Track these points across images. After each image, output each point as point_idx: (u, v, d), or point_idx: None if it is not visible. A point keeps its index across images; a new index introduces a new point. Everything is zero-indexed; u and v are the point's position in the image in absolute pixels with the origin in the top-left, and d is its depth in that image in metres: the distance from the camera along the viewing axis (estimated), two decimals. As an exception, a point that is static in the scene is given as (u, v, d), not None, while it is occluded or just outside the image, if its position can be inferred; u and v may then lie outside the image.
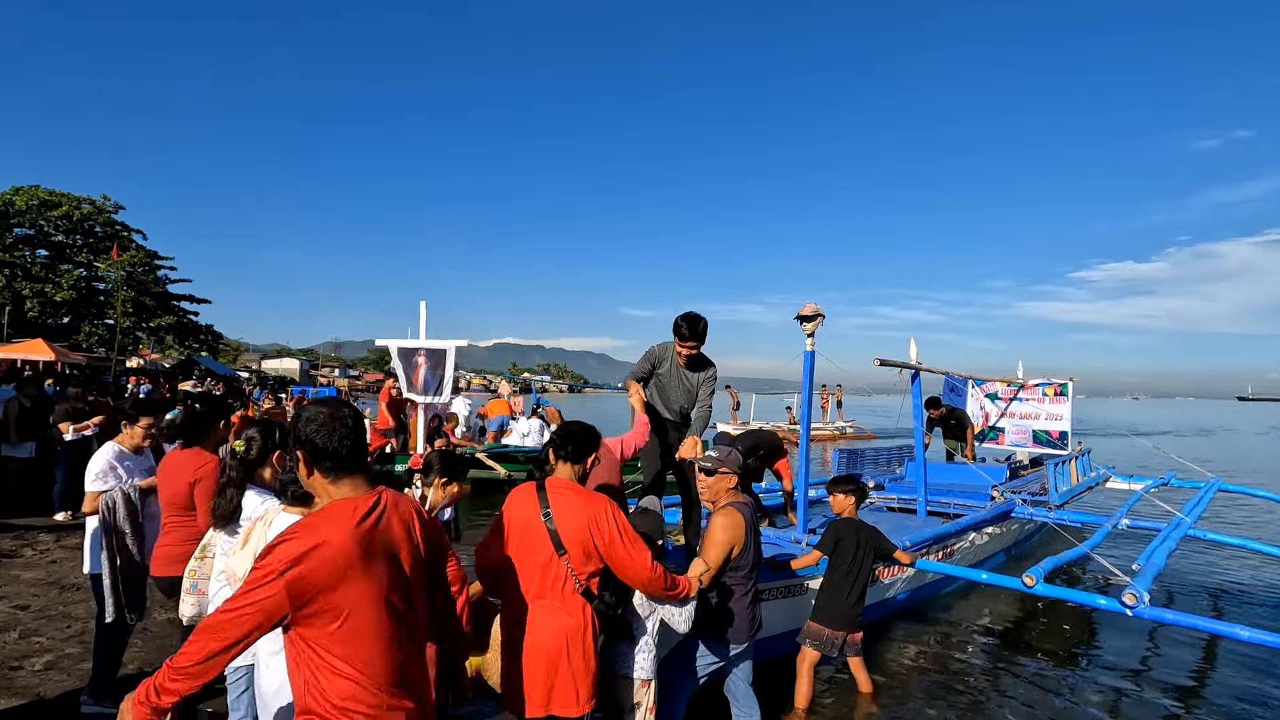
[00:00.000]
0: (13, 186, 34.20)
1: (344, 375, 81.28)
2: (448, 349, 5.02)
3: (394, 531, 1.72)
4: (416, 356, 5.17)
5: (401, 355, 5.21)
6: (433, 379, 5.13)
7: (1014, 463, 8.84)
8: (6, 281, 32.01)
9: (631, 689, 2.74)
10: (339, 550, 1.58)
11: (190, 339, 40.59)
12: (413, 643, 1.73)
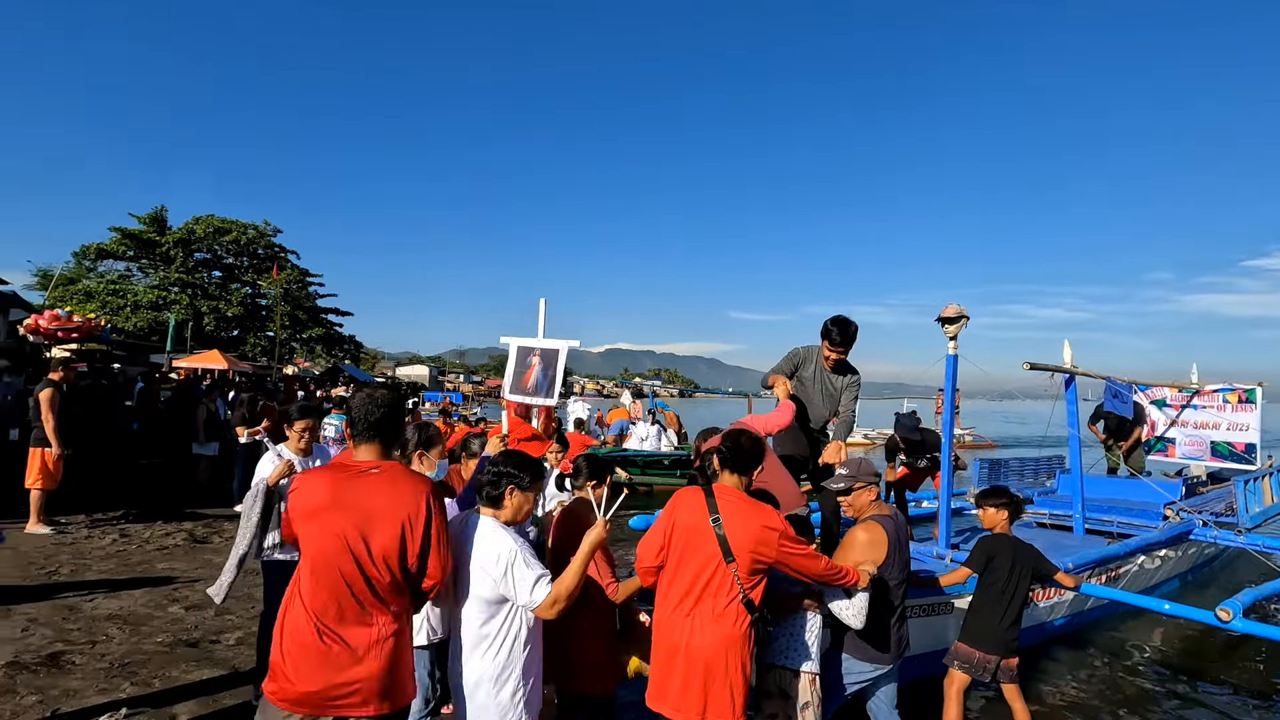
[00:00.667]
0: (194, 217, 39.05)
1: (468, 381, 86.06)
2: (560, 349, 4.88)
3: (372, 496, 2.08)
4: (531, 356, 5.05)
5: (519, 354, 5.12)
6: (544, 379, 5.00)
7: (1189, 478, 7.85)
8: (189, 300, 36.55)
9: (798, 684, 2.74)
10: (311, 489, 2.11)
11: (336, 348, 44.51)
12: (365, 595, 2.04)
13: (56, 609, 4.83)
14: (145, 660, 4.13)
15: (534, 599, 2.24)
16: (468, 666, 2.30)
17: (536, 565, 2.30)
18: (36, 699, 3.55)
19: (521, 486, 2.42)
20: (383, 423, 2.21)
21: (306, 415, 3.90)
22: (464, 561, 2.32)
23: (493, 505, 2.41)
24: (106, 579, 5.63)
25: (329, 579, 2.03)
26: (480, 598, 2.30)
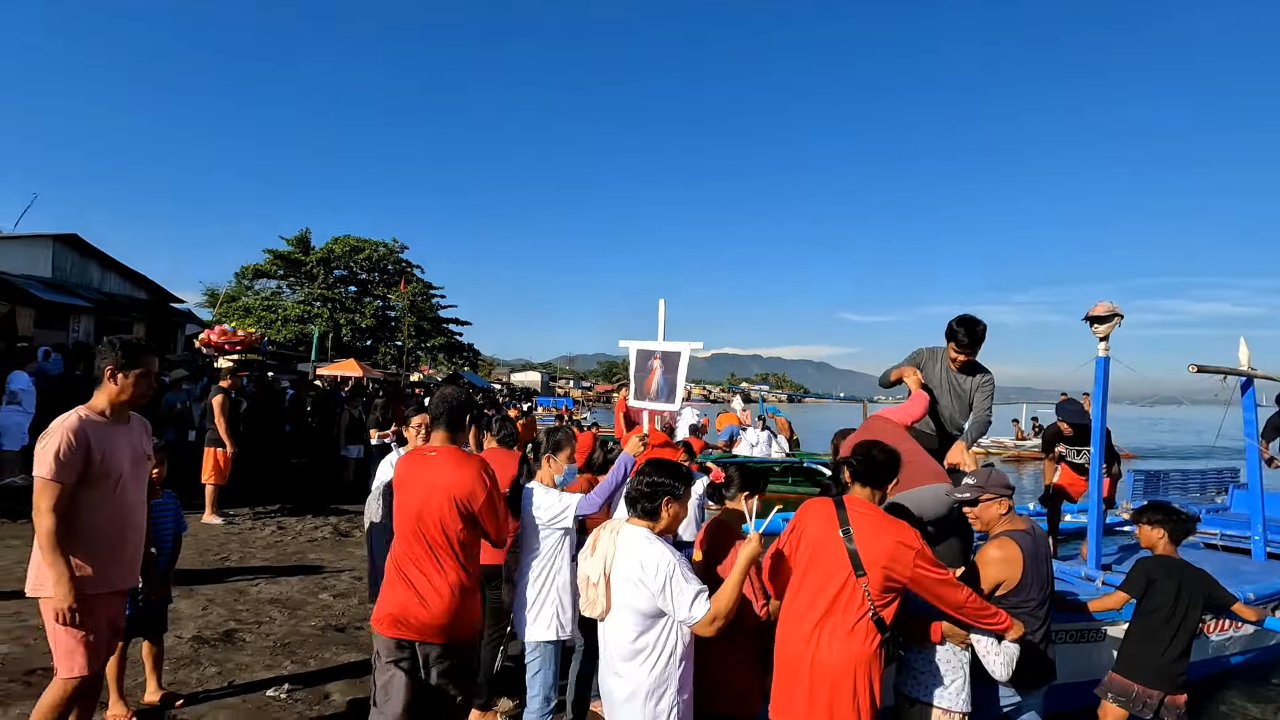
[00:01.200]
0: (333, 238, 42.72)
1: (578, 386, 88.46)
2: (682, 351, 4.72)
3: (433, 475, 2.63)
4: (652, 360, 4.86)
5: (639, 358, 4.93)
6: (665, 385, 4.84)
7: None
8: (329, 313, 40.02)
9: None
10: (398, 472, 2.80)
11: (456, 356, 47.17)
12: (427, 551, 2.60)
13: (229, 591, 5.42)
14: (302, 641, 4.55)
15: (693, 615, 2.23)
16: (622, 678, 2.32)
17: (695, 580, 2.28)
18: (215, 670, 4.01)
19: (677, 496, 2.41)
20: (448, 415, 2.78)
21: (419, 413, 4.14)
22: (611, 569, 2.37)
23: (649, 518, 2.40)
24: (268, 566, 6.26)
25: (404, 537, 2.66)
26: (635, 610, 2.30)
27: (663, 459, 2.61)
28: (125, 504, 2.77)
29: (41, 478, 2.51)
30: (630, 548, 2.35)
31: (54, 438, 2.54)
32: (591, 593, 2.45)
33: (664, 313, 4.94)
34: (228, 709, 3.56)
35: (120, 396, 2.72)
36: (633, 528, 2.41)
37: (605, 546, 2.44)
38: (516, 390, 52.50)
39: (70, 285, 19.80)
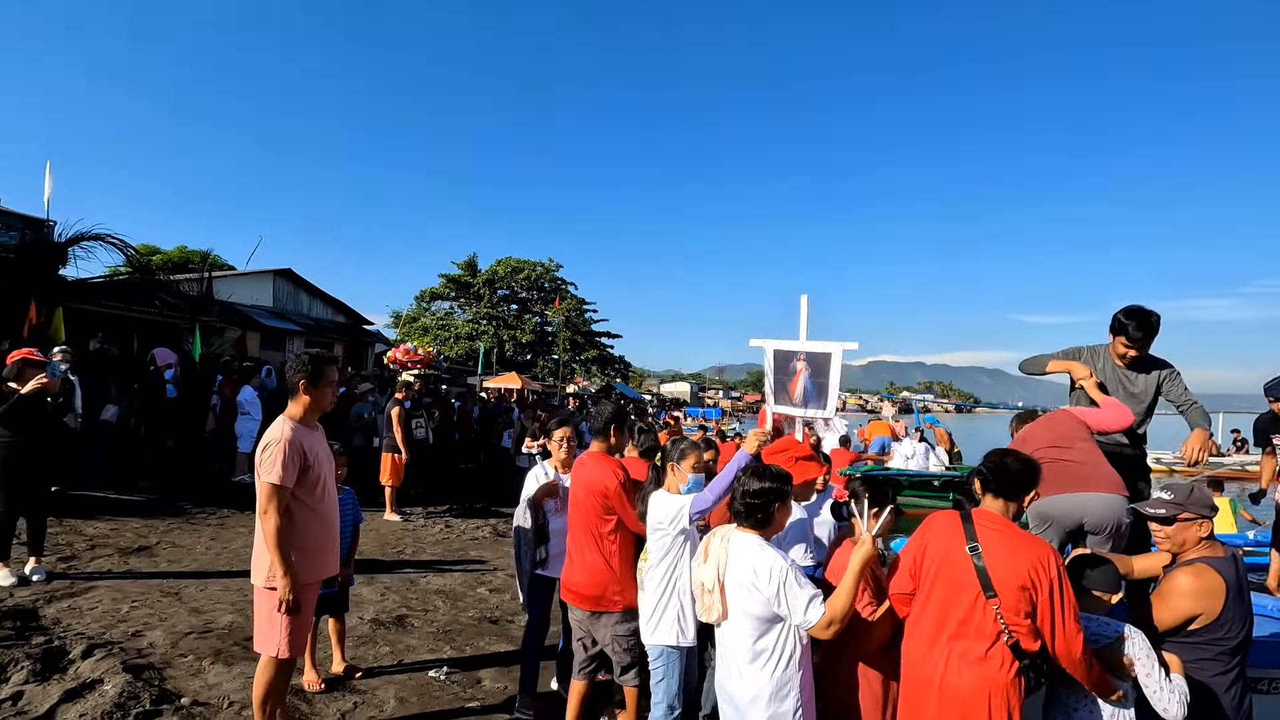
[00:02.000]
0: (496, 260, 46.23)
1: (727, 396, 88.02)
2: (832, 352, 4.24)
3: (584, 474, 3.34)
4: (795, 361, 4.43)
5: (778, 360, 4.52)
6: (813, 387, 4.38)
7: None
8: (494, 330, 43.25)
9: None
10: (574, 470, 3.51)
11: (608, 368, 48.96)
12: (587, 535, 3.27)
13: (403, 581, 6.05)
14: (460, 630, 4.98)
15: (808, 619, 2.25)
16: (743, 681, 2.36)
17: (808, 584, 2.30)
18: (389, 650, 4.50)
19: (784, 500, 2.46)
20: (601, 426, 3.47)
21: (564, 424, 3.98)
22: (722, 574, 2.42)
23: (762, 527, 2.45)
24: (436, 560, 6.90)
25: (569, 522, 3.42)
26: (751, 614, 2.34)
27: (764, 465, 2.62)
28: (327, 502, 3.14)
29: (269, 483, 2.85)
30: (742, 555, 2.37)
31: (275, 446, 2.89)
32: (707, 599, 2.49)
33: (806, 310, 4.57)
34: (396, 684, 3.99)
35: (313, 406, 3.11)
36: (743, 534, 2.44)
37: (717, 553, 2.47)
38: (665, 401, 53.29)
39: (286, 312, 23.14)
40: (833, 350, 4.32)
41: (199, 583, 5.35)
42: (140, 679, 3.60)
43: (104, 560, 5.66)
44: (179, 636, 4.26)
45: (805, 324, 4.51)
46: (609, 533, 3.25)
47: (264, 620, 2.99)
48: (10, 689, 3.41)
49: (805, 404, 4.43)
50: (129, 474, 8.59)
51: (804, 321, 4.51)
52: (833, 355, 4.29)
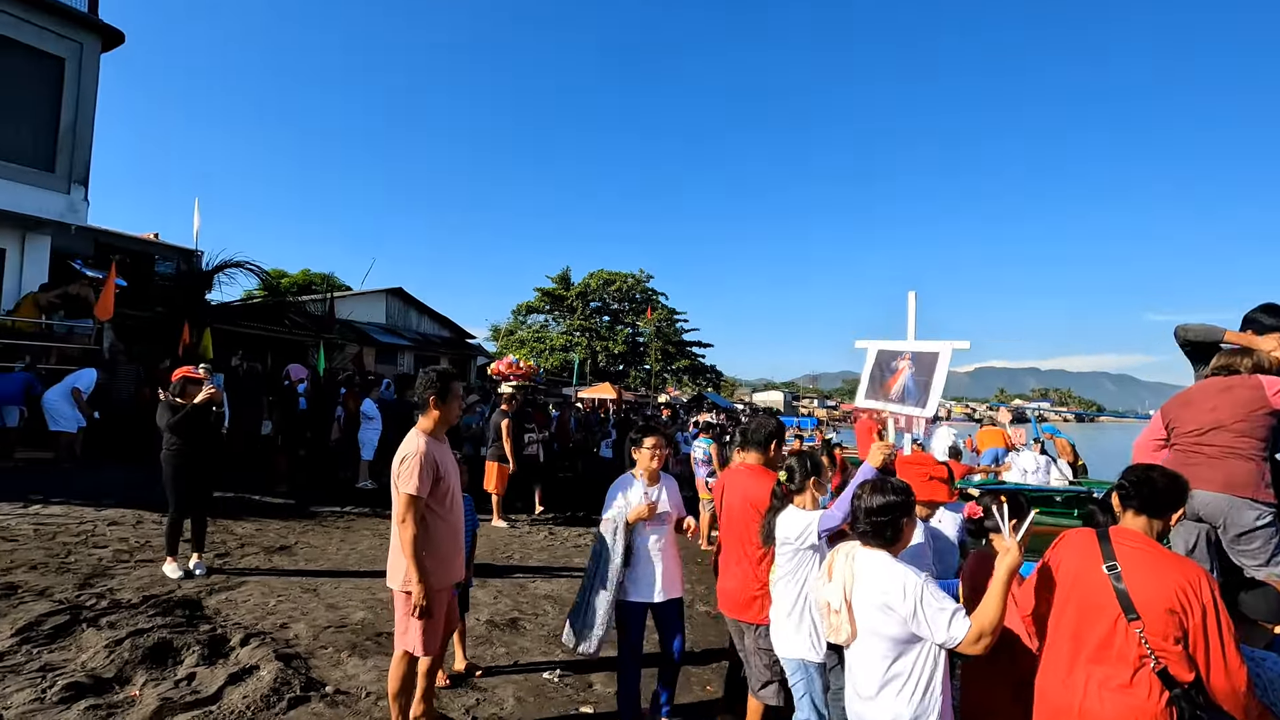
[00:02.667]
0: (589, 273, 47.30)
1: (822, 405, 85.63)
2: (940, 351, 3.98)
3: (742, 486, 3.42)
4: (898, 360, 4.21)
5: (880, 359, 4.33)
6: (915, 386, 4.11)
7: None
8: (587, 341, 44.21)
9: None
10: (724, 480, 3.67)
11: (700, 377, 48.85)
12: (733, 553, 3.43)
13: (513, 585, 6.30)
14: (570, 635, 5.13)
15: (953, 635, 2.12)
16: (878, 705, 2.26)
17: (947, 597, 2.19)
18: (504, 650, 4.71)
19: (910, 513, 2.37)
20: (765, 439, 3.56)
21: (653, 433, 3.80)
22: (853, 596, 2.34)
23: (889, 544, 2.35)
24: (542, 566, 7.14)
25: (727, 535, 3.50)
26: (884, 635, 2.24)
27: (889, 479, 2.51)
28: (456, 512, 3.35)
29: (407, 493, 3.06)
30: (871, 573, 2.28)
31: (412, 459, 3.09)
32: (834, 619, 2.40)
33: (914, 307, 4.32)
34: (514, 684, 4.17)
35: (441, 419, 3.32)
36: (869, 551, 2.35)
37: (842, 571, 2.39)
38: (759, 410, 52.53)
39: (398, 328, 24.63)
40: (941, 349, 4.05)
41: (333, 580, 5.80)
42: (290, 667, 3.95)
43: (252, 558, 6.24)
44: (319, 630, 4.64)
45: (913, 322, 4.26)
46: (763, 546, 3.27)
47: (401, 621, 3.21)
48: (185, 670, 3.84)
49: (903, 400, 4.16)
50: (269, 479, 9.43)
51: (911, 319, 4.27)
52: (940, 354, 4.01)
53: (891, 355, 4.28)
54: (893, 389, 4.26)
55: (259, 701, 3.54)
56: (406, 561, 3.10)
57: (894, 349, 4.28)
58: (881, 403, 4.31)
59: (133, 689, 3.58)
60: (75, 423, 9.19)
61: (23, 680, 3.52)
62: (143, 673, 3.75)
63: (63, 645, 3.99)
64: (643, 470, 3.70)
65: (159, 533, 6.18)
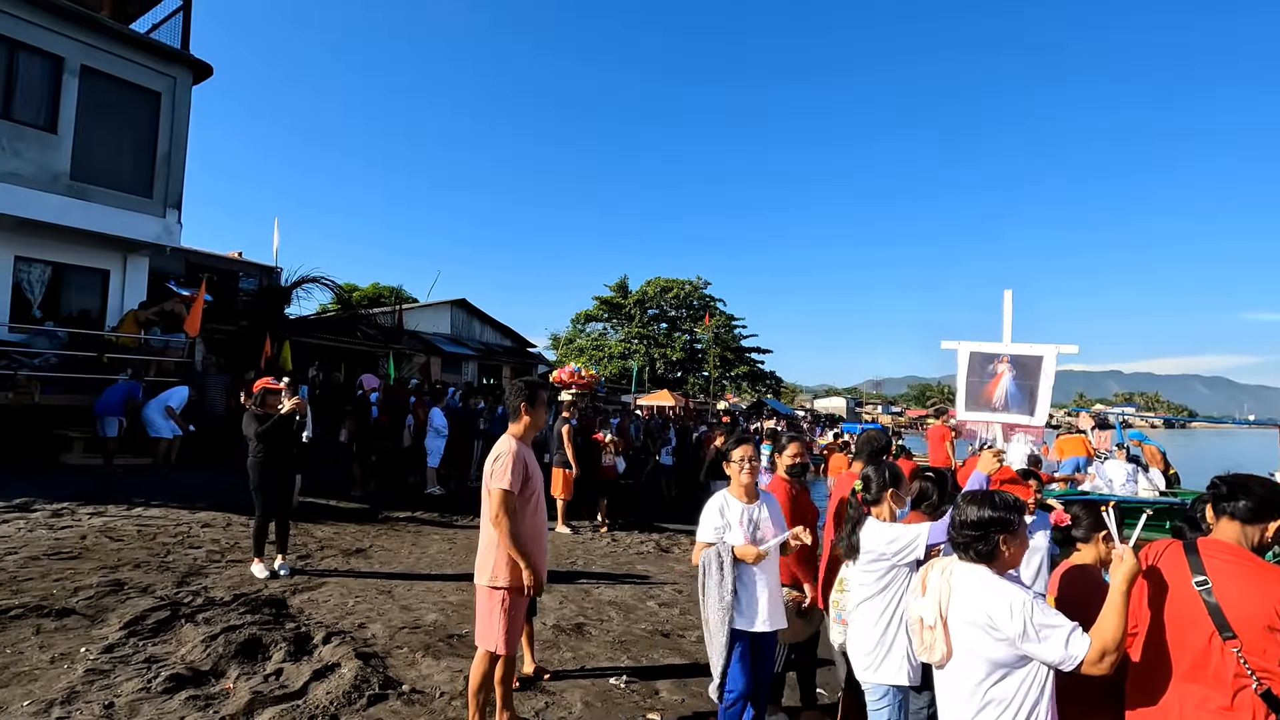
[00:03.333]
0: (646, 280, 47.52)
1: (886, 412, 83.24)
2: (1044, 355, 3.82)
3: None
4: (995, 364, 4.06)
5: (974, 362, 4.13)
6: (1019, 392, 3.95)
7: None
8: (645, 349, 44.35)
9: None
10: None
11: (759, 384, 48.29)
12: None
13: (578, 590, 6.37)
14: (634, 641, 5.15)
15: (1072, 654, 1.94)
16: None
17: (1058, 614, 2.02)
18: (570, 655, 4.77)
19: (1013, 529, 2.15)
20: (868, 451, 3.71)
21: (744, 443, 3.60)
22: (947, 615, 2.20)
23: (986, 560, 2.18)
24: (606, 572, 7.20)
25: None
26: (985, 658, 2.09)
27: (991, 491, 2.36)
28: (540, 515, 3.49)
29: (500, 488, 3.23)
30: (970, 589, 2.14)
31: (505, 457, 3.28)
32: (927, 636, 2.25)
33: (1010, 307, 4.09)
34: (581, 689, 4.22)
35: (530, 425, 3.48)
36: (968, 567, 2.20)
37: (938, 587, 2.25)
38: (820, 417, 51.47)
39: (462, 339, 25.31)
40: (1045, 353, 3.91)
41: (405, 583, 6.00)
42: (369, 665, 4.12)
43: (330, 560, 6.53)
44: (394, 630, 4.82)
45: (1009, 323, 4.07)
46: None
47: (484, 617, 3.33)
48: (273, 665, 4.05)
49: (1008, 408, 4.02)
50: (345, 484, 9.85)
51: (1008, 320, 4.09)
52: (1044, 358, 3.88)
53: (987, 358, 4.12)
54: (994, 396, 4.12)
55: (341, 698, 3.69)
56: (503, 555, 3.26)
57: (989, 351, 4.12)
58: (984, 413, 4.15)
59: (226, 682, 3.81)
60: (171, 431, 9.88)
61: (131, 671, 3.79)
62: (235, 666, 3.98)
63: (164, 639, 4.28)
64: (738, 487, 3.39)
65: (247, 534, 6.55)
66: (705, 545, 3.28)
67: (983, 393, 4.09)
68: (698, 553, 3.30)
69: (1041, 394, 3.78)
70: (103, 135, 11.44)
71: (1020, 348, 3.94)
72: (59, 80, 10.88)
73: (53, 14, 10.75)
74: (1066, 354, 3.76)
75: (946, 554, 2.41)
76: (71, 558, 5.64)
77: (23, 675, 3.66)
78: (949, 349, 4.30)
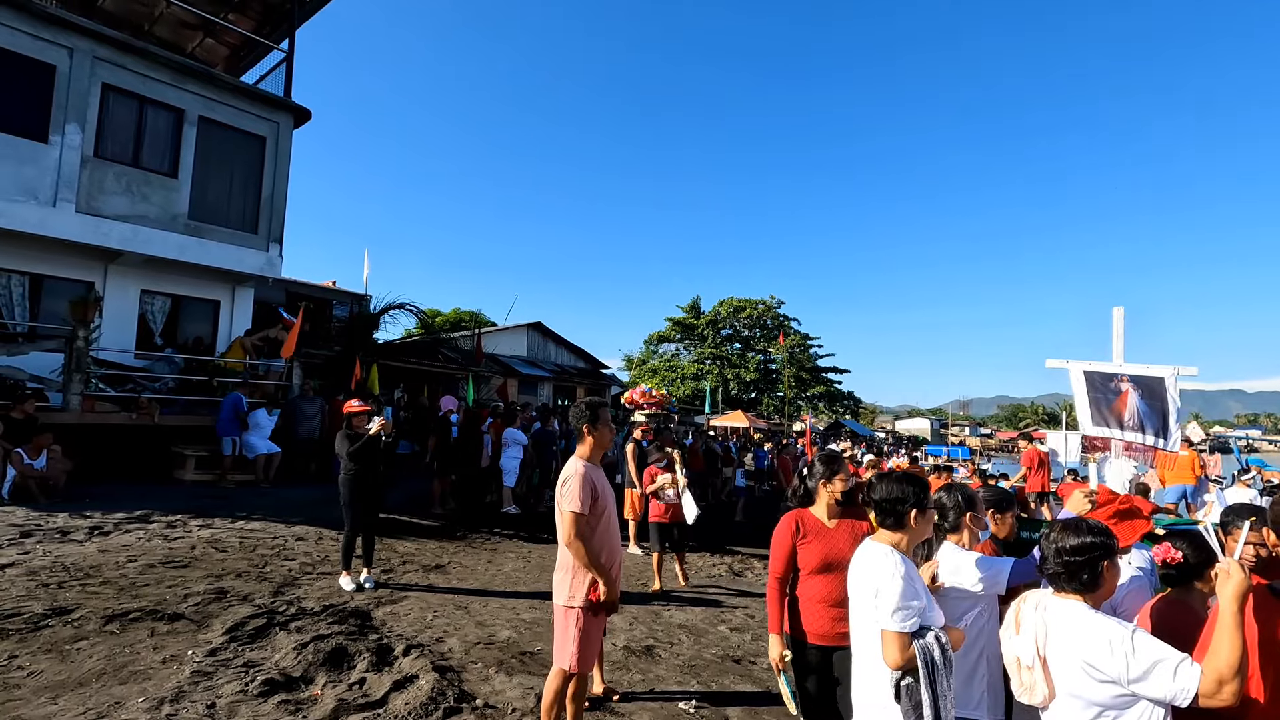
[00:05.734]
0: (720, 300, 47.40)
1: (975, 434, 79.14)
2: (1165, 377, 3.67)
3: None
4: (1117, 382, 3.88)
5: (1091, 381, 3.92)
6: (1151, 413, 3.73)
7: None
8: (719, 369, 44.08)
9: None
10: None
11: (836, 404, 47.03)
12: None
13: (648, 612, 6.37)
14: (705, 665, 5.10)
15: (1183, 686, 1.78)
16: None
17: (1163, 645, 1.85)
18: (640, 677, 4.76)
19: (1112, 558, 2.07)
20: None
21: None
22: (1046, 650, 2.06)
23: (1086, 590, 2.06)
24: (675, 595, 7.15)
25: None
26: (1088, 701, 1.94)
27: (1082, 519, 2.23)
28: (611, 534, 3.55)
29: (571, 511, 3.32)
30: (1066, 626, 2.00)
31: (573, 480, 3.37)
32: (1026, 676, 2.11)
33: (1121, 325, 3.89)
34: (650, 712, 4.21)
35: (596, 445, 3.56)
36: (1063, 601, 2.07)
37: (1033, 623, 2.11)
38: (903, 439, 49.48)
39: (538, 360, 25.95)
40: (1165, 374, 3.75)
41: (481, 599, 6.17)
42: (445, 679, 4.25)
43: (412, 575, 6.79)
44: (470, 645, 4.96)
45: (1120, 341, 3.89)
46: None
47: (560, 635, 3.42)
48: (357, 674, 4.25)
49: (1143, 429, 3.82)
50: (427, 502, 10.25)
51: (1118, 338, 3.91)
52: (1166, 380, 3.72)
53: (1105, 378, 3.98)
54: (1126, 414, 3.94)
55: (419, 709, 3.83)
56: (578, 575, 3.35)
57: (1105, 371, 3.97)
58: (1115, 430, 3.95)
59: (315, 688, 4.02)
60: (268, 448, 10.62)
61: (230, 674, 4.06)
62: (323, 674, 4.20)
63: (261, 645, 4.57)
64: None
65: (336, 548, 6.91)
66: (906, 638, 2.24)
67: (1110, 408, 3.86)
68: (900, 651, 2.22)
69: (1172, 416, 3.56)
70: (215, 178, 12.54)
71: (1137, 368, 3.72)
72: (180, 130, 12.03)
73: (178, 71, 11.95)
74: (1186, 375, 3.54)
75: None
76: (182, 566, 6.12)
77: (139, 674, 4.00)
78: (1055, 368, 4.09)
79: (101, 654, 4.20)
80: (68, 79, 10.73)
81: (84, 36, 10.89)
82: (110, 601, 5.05)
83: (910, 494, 2.43)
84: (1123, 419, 3.83)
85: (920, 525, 2.46)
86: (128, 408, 10.41)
